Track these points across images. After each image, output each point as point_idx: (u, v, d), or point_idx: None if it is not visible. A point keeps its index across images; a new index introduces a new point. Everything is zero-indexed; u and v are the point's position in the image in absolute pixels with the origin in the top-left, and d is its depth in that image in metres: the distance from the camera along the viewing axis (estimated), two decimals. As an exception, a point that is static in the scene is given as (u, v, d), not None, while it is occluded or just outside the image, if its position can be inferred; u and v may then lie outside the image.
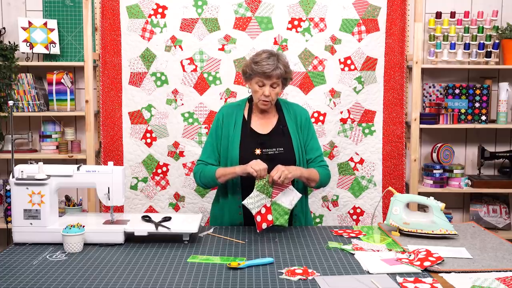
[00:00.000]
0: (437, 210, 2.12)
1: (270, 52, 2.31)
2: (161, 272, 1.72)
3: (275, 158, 2.27)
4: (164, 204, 3.43)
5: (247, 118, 2.38)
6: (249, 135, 2.34)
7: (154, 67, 3.35)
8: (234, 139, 2.34)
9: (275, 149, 2.31)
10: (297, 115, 2.42)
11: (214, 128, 2.42)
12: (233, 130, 2.36)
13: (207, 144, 2.43)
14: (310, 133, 2.43)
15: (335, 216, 3.46)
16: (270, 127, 2.38)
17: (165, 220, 2.14)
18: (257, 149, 2.31)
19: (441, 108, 3.49)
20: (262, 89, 2.29)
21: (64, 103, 3.43)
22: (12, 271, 1.73)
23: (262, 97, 2.29)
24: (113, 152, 3.40)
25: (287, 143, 2.34)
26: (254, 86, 2.31)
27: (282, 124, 2.38)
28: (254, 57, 2.32)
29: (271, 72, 2.24)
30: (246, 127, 2.36)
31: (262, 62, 2.25)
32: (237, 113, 2.40)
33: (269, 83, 2.27)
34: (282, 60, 2.30)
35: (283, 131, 2.36)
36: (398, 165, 3.45)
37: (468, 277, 1.67)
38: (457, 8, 3.56)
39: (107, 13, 3.33)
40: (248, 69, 2.31)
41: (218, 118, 2.42)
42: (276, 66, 2.25)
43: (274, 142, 2.33)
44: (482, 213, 3.59)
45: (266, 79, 2.26)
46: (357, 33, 3.36)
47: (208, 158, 2.39)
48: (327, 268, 1.77)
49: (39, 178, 2.02)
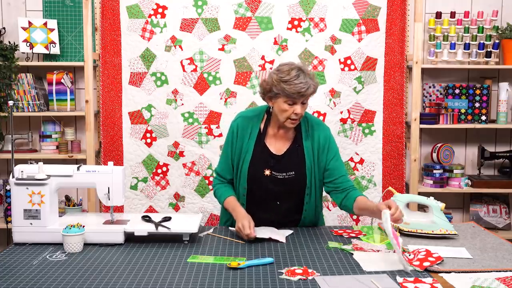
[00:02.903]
0: (437, 210, 2.12)
1: (297, 68, 2.10)
2: (161, 272, 1.72)
3: (284, 182, 2.21)
4: (164, 204, 3.43)
5: (263, 132, 2.24)
6: (261, 153, 2.22)
7: (154, 67, 3.35)
8: (247, 155, 2.23)
9: (285, 174, 2.21)
10: (315, 134, 2.24)
11: (229, 138, 2.29)
12: (246, 144, 2.24)
13: (223, 156, 2.33)
14: (332, 152, 2.24)
15: (335, 216, 3.46)
16: (285, 146, 2.24)
17: (165, 220, 2.14)
18: (267, 169, 2.21)
19: (441, 108, 3.49)
20: (292, 108, 2.10)
21: (64, 103, 3.43)
22: (12, 271, 1.73)
23: (293, 115, 2.11)
24: (113, 152, 3.40)
25: (300, 166, 2.21)
26: (281, 105, 2.11)
27: (297, 143, 2.23)
28: (280, 75, 2.09)
29: (306, 91, 2.07)
30: (260, 143, 2.23)
31: (294, 81, 2.06)
32: (253, 126, 2.25)
33: (301, 101, 2.10)
34: (309, 74, 2.12)
35: (297, 153, 2.22)
36: (398, 165, 3.45)
37: (468, 277, 1.67)
38: (457, 8, 3.56)
39: (107, 13, 3.33)
40: (275, 89, 2.10)
41: (233, 128, 2.28)
42: (309, 84, 2.08)
43: (286, 165, 2.21)
44: (482, 213, 3.59)
45: (299, 98, 2.08)
46: (357, 33, 3.36)
47: (223, 171, 2.32)
48: (327, 268, 1.77)
49: (39, 178, 2.02)
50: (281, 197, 2.25)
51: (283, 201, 2.26)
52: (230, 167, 2.30)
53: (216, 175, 2.38)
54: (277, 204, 2.26)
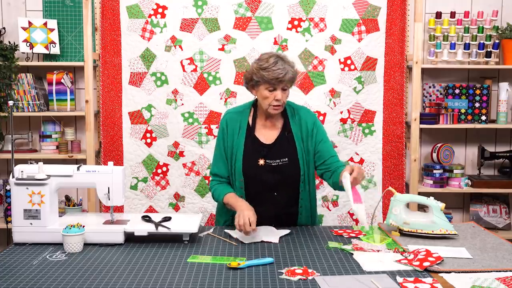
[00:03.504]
0: (437, 210, 2.12)
1: (275, 55, 2.21)
2: (161, 272, 1.72)
3: (279, 169, 2.25)
4: (164, 204, 3.43)
5: (252, 125, 2.32)
6: (252, 144, 2.28)
7: (154, 67, 3.35)
8: (238, 149, 2.28)
9: (279, 160, 2.26)
10: (302, 121, 2.32)
11: (220, 136, 2.35)
12: (237, 139, 2.30)
13: (216, 155, 2.36)
14: (320, 135, 2.32)
15: (335, 216, 3.46)
16: (275, 135, 2.30)
17: (165, 220, 2.14)
18: (261, 159, 2.26)
19: (441, 108, 3.49)
20: (273, 94, 2.19)
21: (64, 103, 3.43)
22: (12, 271, 1.73)
23: (274, 102, 2.20)
24: (113, 152, 3.40)
25: (292, 153, 2.28)
26: (263, 92, 2.21)
27: (286, 131, 2.30)
28: (260, 63, 2.20)
29: (284, 77, 2.16)
30: (250, 136, 2.29)
31: (272, 68, 2.16)
32: (241, 120, 2.33)
33: (280, 87, 2.19)
34: (288, 61, 2.23)
35: (287, 140, 2.29)
36: (398, 165, 3.45)
37: (468, 277, 1.67)
38: (457, 8, 3.56)
39: (107, 13, 3.33)
40: (255, 76, 2.20)
41: (223, 125, 2.35)
42: (287, 70, 2.18)
43: (278, 152, 2.27)
44: (482, 213, 3.59)
45: (278, 84, 2.18)
46: (357, 33, 3.36)
47: (219, 170, 2.34)
48: (327, 268, 1.77)
49: (39, 178, 2.02)
50: (277, 187, 2.28)
51: (279, 192, 2.29)
52: (226, 163, 2.33)
53: (212, 176, 2.38)
54: (274, 195, 2.29)
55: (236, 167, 2.28)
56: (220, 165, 2.34)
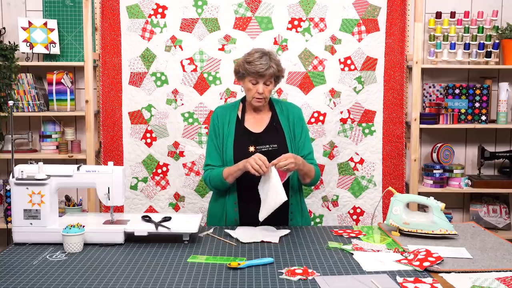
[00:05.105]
0: (437, 210, 2.12)
1: (262, 51, 2.36)
2: (161, 272, 1.72)
3: (269, 155, 2.28)
4: (164, 204, 3.43)
5: (241, 117, 2.44)
6: (242, 133, 2.40)
7: (154, 67, 3.35)
8: (228, 138, 2.39)
9: (268, 146, 2.36)
10: (289, 112, 2.47)
11: (212, 129, 2.47)
12: (227, 130, 2.41)
13: (209, 147, 2.46)
14: (303, 130, 2.47)
15: (335, 216, 3.46)
16: (264, 125, 2.43)
17: (165, 220, 2.14)
18: (251, 146, 2.36)
19: (441, 108, 3.49)
20: (255, 87, 2.34)
21: (64, 103, 3.43)
22: (12, 271, 1.73)
23: (256, 94, 2.35)
24: (113, 152, 3.40)
25: (281, 140, 2.39)
26: (247, 84, 2.36)
27: (275, 121, 2.43)
28: (246, 56, 2.37)
29: (265, 71, 2.30)
30: (240, 126, 2.42)
31: (255, 62, 2.30)
32: (230, 113, 2.45)
33: (263, 81, 2.33)
34: (274, 58, 2.36)
35: (276, 129, 2.42)
36: (398, 165, 3.45)
37: (468, 277, 1.67)
38: (457, 8, 3.56)
39: (107, 13, 3.33)
40: (241, 69, 2.36)
41: (213, 119, 2.48)
42: (269, 65, 2.31)
43: (267, 139, 2.38)
44: (482, 213, 3.59)
45: (259, 78, 2.32)
46: (357, 33, 3.36)
47: (213, 161, 2.42)
48: (327, 268, 1.77)
49: (39, 178, 2.02)
50: None
51: None
52: (219, 153, 2.42)
53: (205, 167, 2.46)
54: None
55: (227, 154, 2.37)
56: (213, 156, 2.43)
